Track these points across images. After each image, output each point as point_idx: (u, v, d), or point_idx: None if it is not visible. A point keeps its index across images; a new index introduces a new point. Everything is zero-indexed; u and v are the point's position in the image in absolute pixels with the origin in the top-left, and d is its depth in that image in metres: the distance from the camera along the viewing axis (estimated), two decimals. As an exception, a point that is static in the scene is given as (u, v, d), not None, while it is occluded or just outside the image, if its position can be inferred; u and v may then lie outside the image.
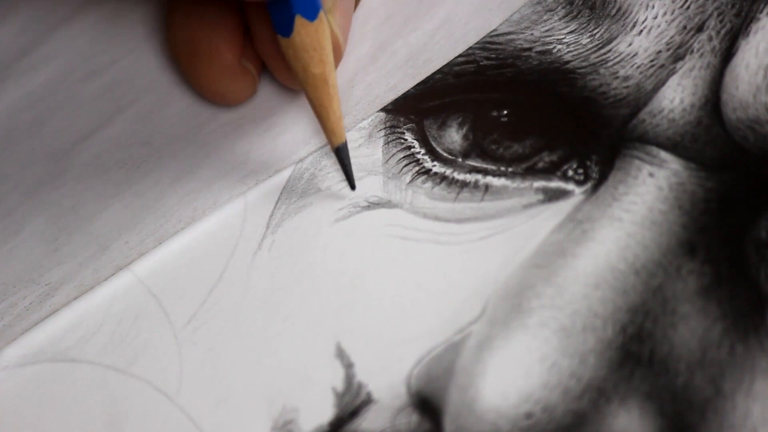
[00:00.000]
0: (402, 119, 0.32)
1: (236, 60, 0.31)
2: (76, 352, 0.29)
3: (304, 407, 0.28)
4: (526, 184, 0.30)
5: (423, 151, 0.31)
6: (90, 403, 0.28)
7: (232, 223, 0.30)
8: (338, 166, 0.31)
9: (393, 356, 0.28)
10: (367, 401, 0.28)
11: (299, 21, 0.28)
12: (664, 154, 0.30)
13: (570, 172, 0.30)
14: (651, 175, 0.30)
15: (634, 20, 0.33)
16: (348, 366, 0.28)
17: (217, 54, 0.31)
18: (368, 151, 0.31)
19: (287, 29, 0.28)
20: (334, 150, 0.30)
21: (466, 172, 0.31)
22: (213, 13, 0.30)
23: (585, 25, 0.33)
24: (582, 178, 0.30)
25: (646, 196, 0.30)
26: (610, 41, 0.33)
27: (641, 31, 0.33)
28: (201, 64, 0.31)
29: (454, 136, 0.31)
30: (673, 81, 0.32)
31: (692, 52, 0.32)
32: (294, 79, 0.30)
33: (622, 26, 0.33)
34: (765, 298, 0.28)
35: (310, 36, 0.28)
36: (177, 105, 0.33)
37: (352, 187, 0.30)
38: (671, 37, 0.32)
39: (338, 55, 0.30)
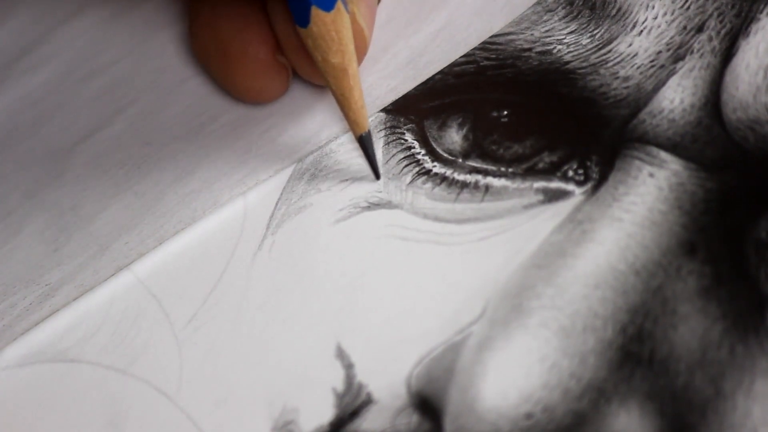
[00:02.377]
0: (402, 120, 0.32)
1: (270, 55, 0.31)
2: (76, 352, 0.29)
3: (305, 407, 0.28)
4: (526, 184, 0.30)
5: (423, 151, 0.31)
6: (90, 403, 0.28)
7: (232, 224, 0.30)
8: (338, 167, 0.31)
9: (393, 356, 0.28)
10: (368, 402, 0.28)
11: (315, 11, 0.28)
12: (664, 155, 0.30)
13: (570, 173, 0.30)
14: (651, 175, 0.30)
15: (634, 21, 0.33)
16: (348, 366, 0.28)
17: (251, 50, 0.30)
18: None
19: (305, 20, 0.28)
20: (357, 139, 0.30)
21: (466, 173, 0.31)
22: (240, 10, 0.30)
23: (585, 25, 0.33)
24: (582, 178, 0.30)
25: (646, 197, 0.30)
26: (610, 42, 0.33)
27: (641, 31, 0.33)
28: (233, 62, 0.31)
29: (454, 137, 0.31)
30: (673, 81, 0.32)
31: (692, 52, 0.32)
32: (316, 73, 0.30)
33: (622, 27, 0.33)
34: (765, 298, 0.28)
35: (327, 26, 0.28)
36: (177, 105, 0.33)
37: (377, 176, 0.31)
38: (671, 38, 0.32)
39: (363, 46, 0.30)
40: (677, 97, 0.31)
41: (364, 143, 0.30)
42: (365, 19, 0.30)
